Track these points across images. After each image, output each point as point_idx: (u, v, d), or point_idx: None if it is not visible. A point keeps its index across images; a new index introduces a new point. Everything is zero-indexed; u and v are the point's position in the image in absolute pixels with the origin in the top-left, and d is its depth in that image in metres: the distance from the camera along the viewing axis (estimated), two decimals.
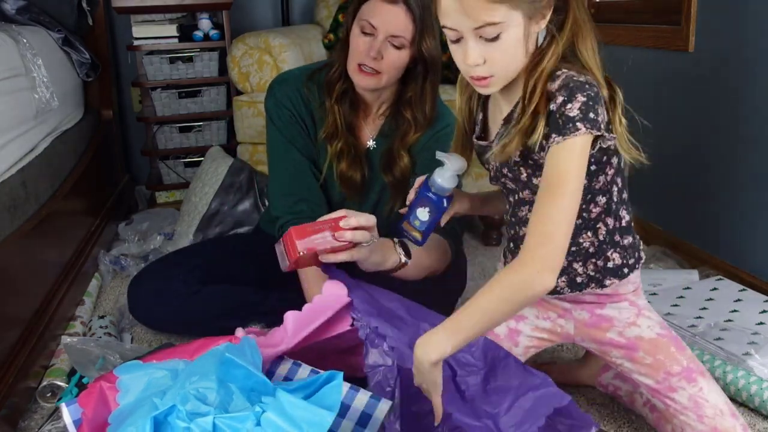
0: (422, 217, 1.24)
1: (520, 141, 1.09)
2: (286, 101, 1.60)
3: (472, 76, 1.09)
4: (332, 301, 1.20)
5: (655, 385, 1.24)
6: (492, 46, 1.04)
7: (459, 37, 1.06)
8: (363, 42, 1.48)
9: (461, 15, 1.02)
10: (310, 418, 0.87)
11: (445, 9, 1.04)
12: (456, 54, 1.09)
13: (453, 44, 1.09)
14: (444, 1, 1.04)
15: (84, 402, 1.01)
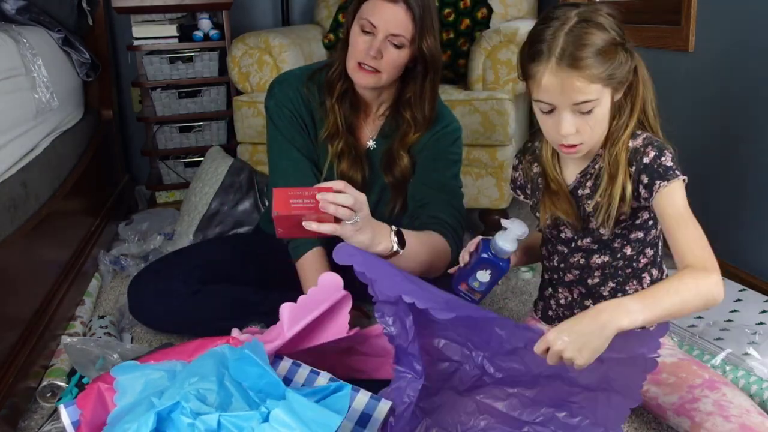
0: (482, 278, 1.29)
1: (615, 201, 1.22)
2: (287, 101, 1.60)
3: (563, 144, 1.19)
4: (328, 293, 1.20)
5: (679, 401, 1.24)
6: (585, 118, 1.16)
7: (552, 109, 1.16)
8: (363, 41, 1.48)
9: (561, 94, 1.13)
10: (319, 419, 0.88)
11: (546, 87, 1.14)
12: (546, 123, 1.20)
13: (544, 114, 1.18)
14: (545, 81, 1.13)
15: (82, 403, 1.01)
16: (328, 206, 1.20)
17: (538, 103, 1.17)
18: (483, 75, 2.25)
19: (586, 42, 1.12)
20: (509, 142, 2.23)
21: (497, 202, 2.28)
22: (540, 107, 1.17)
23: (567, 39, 1.12)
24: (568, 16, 1.14)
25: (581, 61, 1.11)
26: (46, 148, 1.91)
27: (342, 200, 1.21)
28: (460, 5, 2.59)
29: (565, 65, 1.11)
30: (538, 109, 1.19)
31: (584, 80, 1.11)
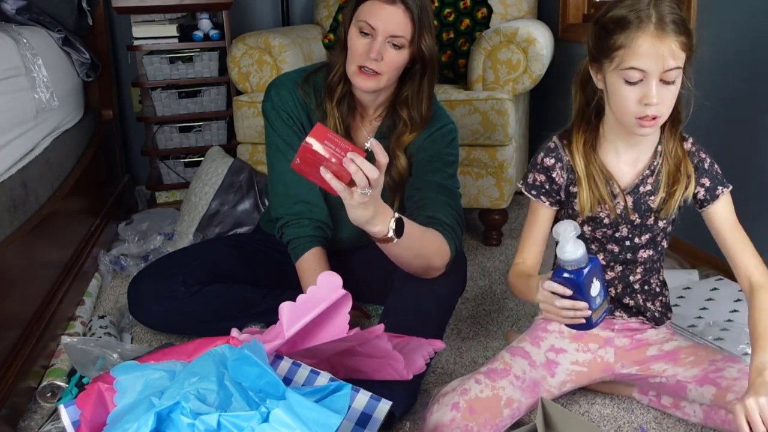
0: (594, 293, 1.14)
1: (680, 194, 1.31)
2: (283, 104, 1.60)
3: (645, 115, 1.20)
4: (327, 292, 1.20)
5: (702, 372, 1.31)
6: (667, 89, 1.20)
7: (640, 79, 1.18)
8: (362, 44, 1.48)
9: (657, 59, 1.16)
10: (319, 419, 0.88)
11: (643, 52, 1.17)
12: (627, 96, 1.20)
13: (628, 86, 1.20)
14: (645, 46, 1.16)
15: (82, 403, 1.01)
16: (350, 164, 1.16)
17: (628, 72, 1.18)
18: (483, 75, 2.25)
19: (677, 11, 1.18)
20: (509, 142, 2.23)
21: (497, 202, 2.28)
22: (628, 76, 1.19)
23: (661, 8, 1.17)
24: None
25: (678, 26, 1.17)
26: (46, 148, 1.91)
27: (368, 169, 1.18)
28: (460, 5, 2.59)
29: (664, 30, 1.16)
30: (621, 82, 1.20)
31: (678, 46, 1.17)
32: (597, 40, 1.24)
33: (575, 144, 1.33)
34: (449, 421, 1.25)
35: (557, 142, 1.36)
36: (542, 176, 1.37)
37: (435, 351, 1.39)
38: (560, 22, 2.76)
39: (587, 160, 1.32)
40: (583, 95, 1.36)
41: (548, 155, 1.36)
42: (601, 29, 1.23)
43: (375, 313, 1.86)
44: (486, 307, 1.93)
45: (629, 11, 1.19)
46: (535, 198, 1.39)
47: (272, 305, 1.56)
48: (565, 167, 1.35)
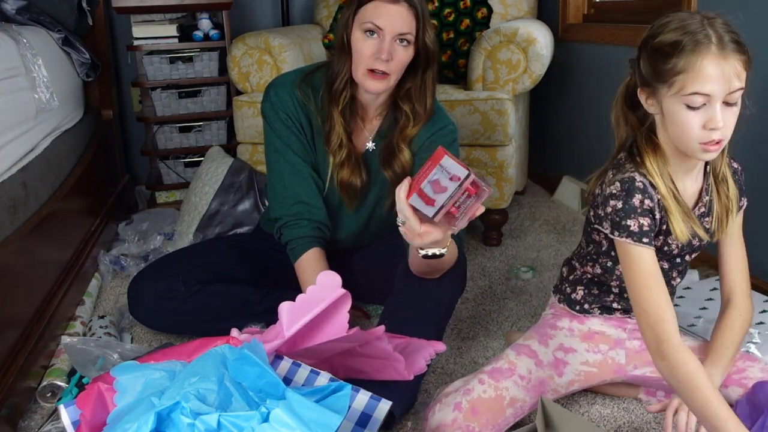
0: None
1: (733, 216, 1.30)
2: (282, 105, 1.60)
3: (711, 140, 1.14)
4: (326, 291, 1.20)
5: None
6: (730, 110, 1.15)
7: (704, 103, 1.12)
8: (370, 45, 1.48)
9: (722, 81, 1.11)
10: (319, 419, 0.88)
11: (707, 76, 1.10)
12: (690, 122, 1.14)
13: (690, 111, 1.13)
14: (709, 69, 1.10)
15: (82, 403, 1.01)
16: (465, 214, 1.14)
17: (691, 97, 1.12)
18: (483, 75, 2.26)
19: (732, 29, 1.13)
20: (509, 142, 2.23)
21: (497, 202, 2.28)
22: (691, 101, 1.12)
23: (716, 26, 1.12)
24: (693, 17, 1.15)
25: (738, 45, 1.12)
26: (46, 148, 1.91)
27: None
28: (460, 5, 2.59)
29: (725, 50, 1.11)
30: (682, 108, 1.14)
31: (741, 65, 1.12)
32: (650, 65, 1.17)
33: (655, 175, 1.23)
34: (451, 421, 1.25)
35: (643, 181, 1.23)
36: (647, 219, 1.23)
37: (436, 352, 1.39)
38: (560, 22, 2.76)
39: (670, 188, 1.24)
40: (635, 120, 1.27)
41: (644, 195, 1.22)
42: (655, 53, 1.16)
43: (375, 313, 1.86)
44: (486, 307, 1.93)
45: (684, 34, 1.13)
46: (648, 245, 1.22)
47: (272, 305, 1.56)
48: (657, 205, 1.24)
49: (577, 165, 2.76)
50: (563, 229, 2.50)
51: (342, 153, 1.58)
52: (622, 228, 1.22)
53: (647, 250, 1.22)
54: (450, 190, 1.11)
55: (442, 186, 1.11)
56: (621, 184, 1.23)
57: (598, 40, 2.51)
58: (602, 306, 1.41)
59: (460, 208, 1.13)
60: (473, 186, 1.12)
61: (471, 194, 1.12)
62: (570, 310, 1.42)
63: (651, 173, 1.23)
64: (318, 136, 1.62)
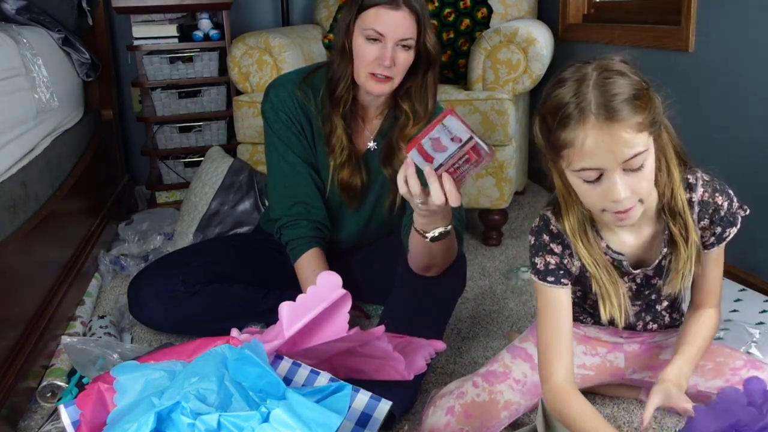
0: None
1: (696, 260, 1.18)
2: (282, 106, 1.60)
3: (619, 211, 1.05)
4: (326, 291, 1.20)
5: (726, 384, 1.26)
6: (637, 176, 1.03)
7: (599, 176, 1.03)
8: (372, 50, 1.48)
9: (609, 152, 1.00)
10: (319, 419, 0.88)
11: (590, 150, 1.00)
12: (591, 195, 1.06)
13: (588, 185, 1.05)
14: (589, 144, 1.00)
15: (82, 403, 1.01)
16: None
17: (582, 173, 1.03)
18: (483, 75, 2.25)
19: (618, 91, 1.01)
20: (509, 142, 2.23)
21: (497, 202, 2.28)
22: (584, 176, 1.04)
23: (598, 93, 1.01)
24: (585, 73, 1.04)
25: (622, 111, 1.00)
26: (46, 148, 1.91)
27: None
28: (460, 5, 2.59)
29: (607, 120, 0.99)
30: (579, 181, 1.06)
31: (631, 130, 1.00)
32: (540, 135, 1.08)
33: (569, 231, 1.16)
34: (443, 426, 1.25)
35: (557, 225, 1.18)
36: (555, 258, 1.19)
37: (436, 352, 1.39)
38: (560, 22, 2.76)
39: (588, 246, 1.15)
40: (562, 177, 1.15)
41: (554, 240, 1.18)
42: (542, 123, 1.07)
43: (375, 313, 1.86)
44: (486, 307, 1.92)
45: (569, 98, 1.02)
46: (554, 284, 1.18)
47: (272, 305, 1.57)
48: (575, 254, 1.18)
49: None
50: None
51: (343, 155, 1.59)
52: (531, 265, 1.21)
53: (551, 289, 1.18)
54: (450, 151, 1.11)
55: (442, 145, 1.11)
56: (539, 220, 1.20)
57: (598, 40, 2.51)
58: (591, 315, 1.37)
59: (458, 170, 1.13)
60: (474, 151, 1.11)
61: (471, 159, 1.12)
62: None
63: (566, 228, 1.16)
64: (318, 137, 1.62)
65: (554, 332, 1.17)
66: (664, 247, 1.19)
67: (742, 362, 1.30)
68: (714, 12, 1.94)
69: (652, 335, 1.36)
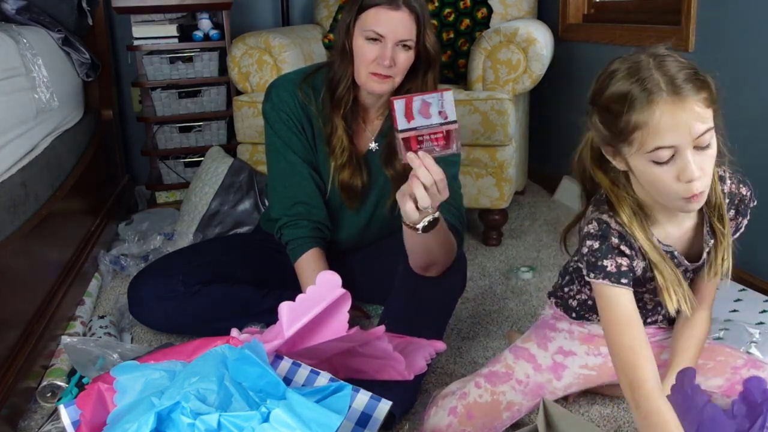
0: None
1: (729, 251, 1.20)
2: (283, 106, 1.60)
3: (692, 194, 1.04)
4: (326, 291, 1.20)
5: (727, 383, 1.27)
6: (705, 155, 1.03)
7: (671, 155, 1.03)
8: (372, 50, 1.48)
9: (683, 127, 1.00)
10: (319, 419, 0.88)
11: (666, 127, 1.00)
12: (664, 176, 1.04)
13: (659, 167, 1.04)
14: (664, 121, 1.00)
15: (82, 403, 1.01)
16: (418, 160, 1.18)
17: (655, 153, 1.03)
18: (483, 75, 2.25)
19: (680, 68, 1.02)
20: (509, 142, 2.23)
21: (497, 202, 2.28)
22: (656, 157, 1.03)
23: (661, 72, 1.02)
24: (639, 60, 1.05)
25: (690, 87, 1.01)
26: (46, 148, 1.91)
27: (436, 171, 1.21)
28: (460, 5, 2.59)
29: (678, 95, 1.00)
30: (650, 166, 1.05)
31: (701, 104, 1.01)
32: (604, 125, 1.09)
33: (634, 228, 1.14)
34: (446, 426, 1.25)
35: (619, 229, 1.15)
36: (625, 259, 1.15)
37: (436, 352, 1.39)
38: (560, 22, 2.76)
39: (650, 242, 1.15)
40: (611, 173, 1.17)
41: (622, 242, 1.15)
42: (605, 111, 1.07)
43: (375, 313, 1.86)
44: (486, 307, 1.93)
45: (631, 83, 1.03)
46: (626, 286, 1.14)
47: (272, 305, 1.57)
48: (638, 253, 1.17)
49: None
50: None
51: (344, 156, 1.59)
52: (599, 269, 1.15)
53: (625, 292, 1.14)
54: (431, 121, 1.15)
55: (429, 112, 1.15)
56: (598, 224, 1.16)
57: (598, 40, 2.51)
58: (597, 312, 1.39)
59: (423, 144, 1.17)
60: (447, 135, 1.16)
61: (440, 142, 1.16)
62: (567, 315, 1.42)
63: (625, 224, 1.15)
64: (319, 137, 1.62)
65: (637, 336, 1.13)
66: (710, 238, 1.20)
67: (743, 361, 1.30)
68: (714, 12, 1.94)
69: (654, 333, 1.37)
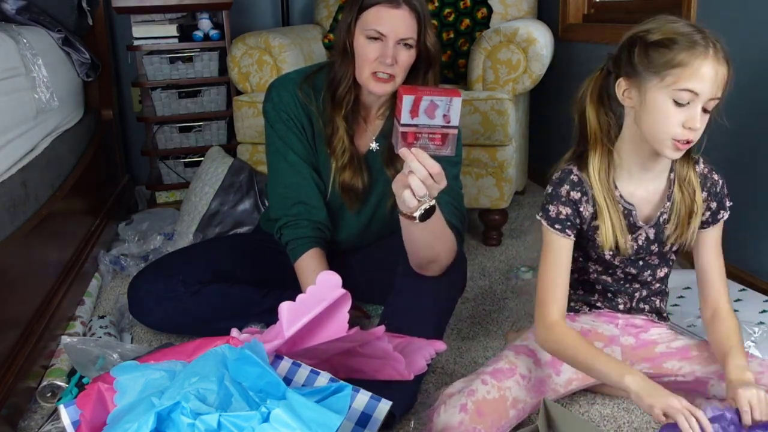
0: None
1: (695, 225, 1.31)
2: (284, 105, 1.60)
3: (682, 139, 1.19)
4: (326, 291, 1.20)
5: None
6: (705, 117, 1.20)
7: (688, 101, 1.17)
8: (373, 50, 1.48)
9: (713, 84, 1.16)
10: (319, 419, 0.88)
11: (703, 76, 1.15)
12: (674, 116, 1.18)
13: (674, 107, 1.18)
14: (705, 70, 1.15)
15: (82, 403, 1.01)
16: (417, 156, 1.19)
17: (681, 93, 1.16)
18: (483, 75, 2.26)
19: (724, 44, 1.18)
20: (509, 142, 2.23)
21: (497, 202, 2.28)
22: (679, 97, 1.16)
23: (712, 36, 1.17)
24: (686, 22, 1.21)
25: (727, 59, 1.17)
26: (46, 148, 1.91)
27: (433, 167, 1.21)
28: (460, 5, 2.59)
29: (722, 58, 1.16)
30: (668, 101, 1.18)
31: (724, 77, 1.17)
32: (645, 55, 1.20)
33: (594, 172, 1.29)
34: (458, 424, 1.25)
35: (579, 174, 1.32)
36: (568, 209, 1.31)
37: (436, 352, 1.39)
38: (560, 22, 2.76)
39: (607, 190, 1.29)
40: (603, 115, 1.31)
41: (574, 188, 1.31)
42: (653, 44, 1.20)
43: (375, 313, 1.86)
44: (486, 307, 1.93)
45: (693, 31, 1.17)
46: (560, 233, 1.31)
47: (272, 305, 1.57)
48: (591, 200, 1.31)
49: None
50: None
51: (345, 156, 1.59)
52: (543, 210, 1.32)
53: (557, 238, 1.30)
54: (433, 122, 1.17)
55: (434, 113, 1.16)
56: (560, 173, 1.33)
57: (598, 40, 2.51)
58: (588, 304, 1.44)
59: (419, 140, 1.18)
60: (444, 139, 1.18)
61: (436, 142, 1.18)
62: None
63: (590, 172, 1.29)
64: (319, 138, 1.62)
65: (554, 277, 1.30)
66: (667, 201, 1.31)
67: None
68: (714, 12, 1.94)
69: (645, 327, 1.41)
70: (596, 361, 1.22)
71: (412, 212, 1.30)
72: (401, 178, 1.25)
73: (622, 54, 1.25)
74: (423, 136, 1.18)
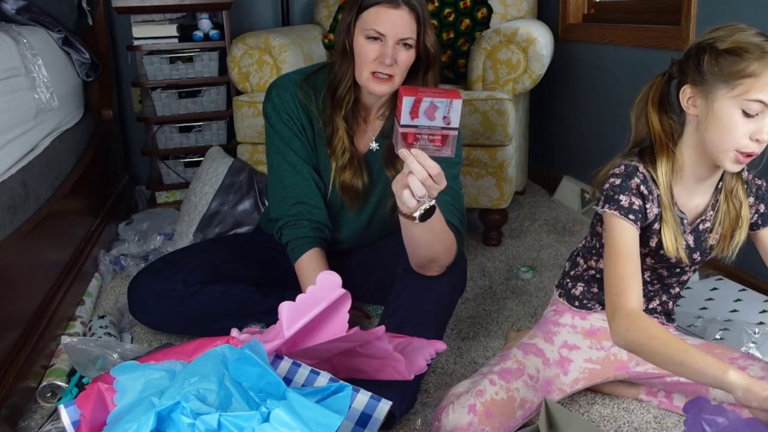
0: None
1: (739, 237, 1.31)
2: (284, 106, 1.60)
3: (749, 152, 1.17)
4: (326, 291, 1.20)
5: None
6: None
7: (757, 113, 1.14)
8: (373, 50, 1.48)
9: None
10: (319, 419, 0.88)
11: None
12: (742, 127, 1.16)
13: (743, 117, 1.15)
14: None
15: (82, 403, 1.01)
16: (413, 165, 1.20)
17: (751, 104, 1.14)
18: (483, 75, 2.26)
19: None
20: (509, 142, 2.23)
21: (497, 202, 2.28)
22: (750, 108, 1.14)
23: None
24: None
25: None
26: (46, 148, 1.91)
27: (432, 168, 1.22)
28: (460, 5, 2.59)
29: None
30: (737, 112, 1.15)
31: None
32: (716, 64, 1.17)
33: (662, 174, 1.26)
34: (467, 425, 1.25)
35: (644, 173, 1.28)
36: (640, 201, 1.26)
37: (436, 352, 1.39)
38: (560, 22, 2.76)
39: (670, 195, 1.27)
40: (667, 119, 1.28)
41: (643, 183, 1.27)
42: (725, 53, 1.16)
43: (375, 313, 1.86)
44: (486, 307, 1.93)
45: (764, 41, 1.14)
46: (633, 223, 1.24)
47: (272, 305, 1.56)
48: (656, 201, 1.27)
49: (577, 165, 2.76)
50: (563, 229, 2.50)
51: (345, 156, 1.59)
52: (613, 201, 1.25)
53: (630, 228, 1.24)
54: (433, 123, 1.17)
55: (434, 115, 1.17)
56: (625, 167, 1.28)
57: (598, 40, 2.51)
58: (601, 302, 1.42)
59: (419, 141, 1.19)
60: (444, 140, 1.19)
61: (436, 144, 1.19)
62: (569, 305, 1.43)
63: (658, 175, 1.26)
64: (319, 138, 1.62)
65: (631, 267, 1.22)
66: (710, 210, 1.31)
67: (739, 354, 1.34)
68: (714, 12, 1.94)
69: None
70: (688, 355, 1.13)
71: (412, 212, 1.30)
72: (401, 179, 1.25)
73: (690, 60, 1.22)
74: (423, 137, 1.18)
